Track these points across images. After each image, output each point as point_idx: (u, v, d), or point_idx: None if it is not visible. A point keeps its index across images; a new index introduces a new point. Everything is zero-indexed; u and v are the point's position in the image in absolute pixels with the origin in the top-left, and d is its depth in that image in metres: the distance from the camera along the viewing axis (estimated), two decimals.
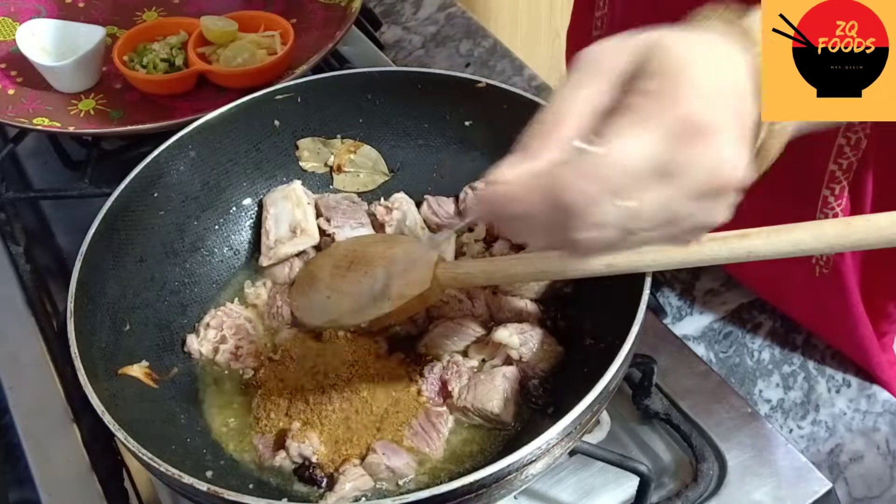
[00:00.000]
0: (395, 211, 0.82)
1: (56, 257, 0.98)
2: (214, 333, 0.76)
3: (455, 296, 0.76)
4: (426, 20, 1.30)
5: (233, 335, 0.76)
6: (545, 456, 0.58)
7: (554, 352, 0.72)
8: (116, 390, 0.66)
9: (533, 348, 0.71)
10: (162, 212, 0.79)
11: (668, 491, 0.73)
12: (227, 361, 0.75)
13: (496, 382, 0.69)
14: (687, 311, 0.90)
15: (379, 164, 0.87)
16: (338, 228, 0.82)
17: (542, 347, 0.72)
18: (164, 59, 1.02)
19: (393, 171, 0.87)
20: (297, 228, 0.81)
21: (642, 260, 0.63)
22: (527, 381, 0.71)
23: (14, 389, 0.82)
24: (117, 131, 0.96)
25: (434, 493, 0.54)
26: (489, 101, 0.81)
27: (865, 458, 0.78)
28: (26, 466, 0.76)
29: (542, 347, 0.72)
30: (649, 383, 0.76)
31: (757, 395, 0.83)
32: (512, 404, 0.69)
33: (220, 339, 0.76)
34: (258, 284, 0.81)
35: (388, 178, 0.87)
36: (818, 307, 0.84)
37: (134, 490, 0.76)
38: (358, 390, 0.69)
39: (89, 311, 0.68)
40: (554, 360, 0.72)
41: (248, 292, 0.81)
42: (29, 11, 1.12)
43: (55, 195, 0.98)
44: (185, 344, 0.76)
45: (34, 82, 1.03)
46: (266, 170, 0.85)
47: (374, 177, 0.88)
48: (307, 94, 0.84)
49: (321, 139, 0.86)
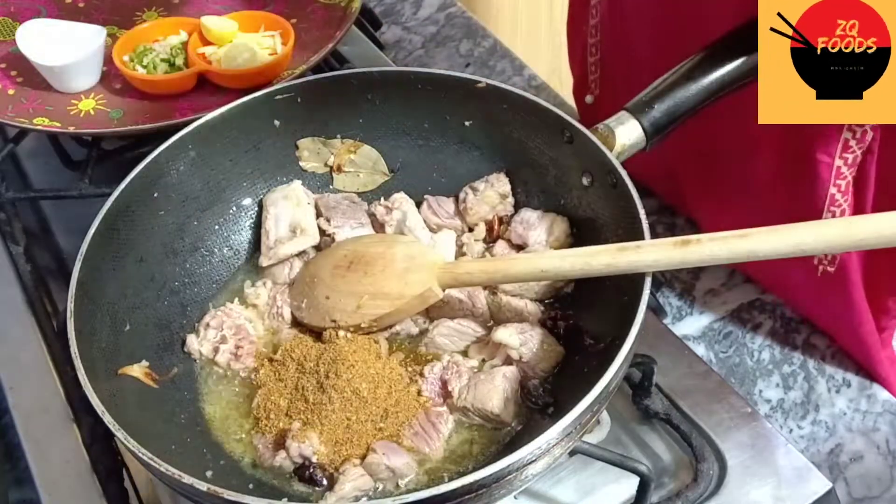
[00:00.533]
0: (395, 211, 0.82)
1: (56, 257, 0.98)
2: (214, 333, 0.76)
3: (455, 296, 0.76)
4: (426, 20, 1.30)
5: (233, 335, 0.76)
6: (545, 456, 0.58)
7: (554, 352, 0.72)
8: (116, 390, 0.66)
9: (533, 348, 0.71)
10: (162, 212, 0.79)
11: (668, 491, 0.73)
12: (228, 361, 0.75)
13: (496, 382, 0.69)
14: (687, 311, 0.90)
15: (379, 164, 0.87)
16: (338, 228, 0.82)
17: (543, 347, 0.72)
18: (164, 60, 1.02)
19: (393, 172, 0.87)
20: (297, 228, 0.81)
21: (642, 260, 0.63)
22: (527, 381, 0.71)
23: (14, 389, 0.82)
24: (117, 131, 0.96)
25: (434, 493, 0.54)
26: (489, 101, 0.81)
27: (865, 458, 0.78)
28: (26, 466, 0.76)
29: (543, 347, 0.72)
30: (649, 383, 0.76)
31: (757, 395, 0.83)
32: (512, 404, 0.69)
33: (221, 339, 0.76)
34: (258, 284, 0.81)
35: (388, 179, 0.87)
36: (821, 302, 0.84)
37: (134, 490, 0.76)
38: (358, 390, 0.69)
39: (89, 311, 0.68)
40: (554, 361, 0.72)
41: (248, 292, 0.81)
42: (29, 12, 1.12)
43: (55, 195, 0.98)
44: (185, 344, 0.76)
45: (34, 82, 1.03)
46: (266, 170, 0.85)
47: (374, 177, 0.88)
48: (307, 94, 0.84)
49: (321, 139, 0.86)
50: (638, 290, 0.63)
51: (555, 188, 0.80)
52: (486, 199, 0.82)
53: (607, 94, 1.00)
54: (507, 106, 0.80)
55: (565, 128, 0.76)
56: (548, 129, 0.78)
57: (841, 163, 0.74)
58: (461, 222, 0.83)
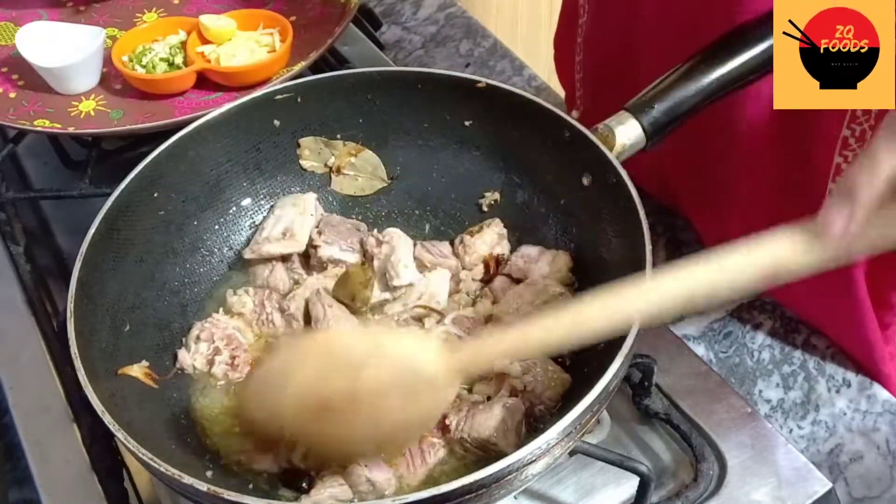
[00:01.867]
0: (385, 245, 0.80)
1: (56, 257, 0.98)
2: (207, 346, 0.75)
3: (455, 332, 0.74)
4: (426, 20, 1.30)
5: (226, 346, 0.75)
6: (545, 456, 0.58)
7: (560, 379, 0.70)
8: (116, 390, 0.66)
9: (537, 376, 0.69)
10: (162, 212, 0.79)
11: (668, 491, 0.73)
12: (225, 373, 0.74)
13: (495, 411, 0.66)
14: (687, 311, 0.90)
15: (378, 170, 0.87)
16: (325, 244, 0.80)
17: (547, 375, 0.69)
18: (163, 59, 1.02)
19: (392, 179, 0.87)
20: (289, 233, 0.81)
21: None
22: (533, 409, 0.68)
23: (14, 389, 0.82)
24: (117, 131, 0.96)
25: (434, 493, 0.54)
26: (489, 101, 0.81)
27: (865, 458, 0.78)
28: (26, 466, 0.76)
29: (547, 375, 0.69)
30: (649, 383, 0.76)
31: (757, 395, 0.83)
32: (513, 434, 0.66)
33: (214, 350, 0.74)
34: (240, 292, 0.80)
35: (386, 185, 0.87)
36: (823, 300, 0.84)
37: (134, 490, 0.76)
38: None
39: (89, 311, 0.68)
40: (560, 388, 0.69)
41: (231, 301, 0.79)
42: (30, 17, 1.12)
43: (55, 195, 0.98)
44: (176, 359, 0.74)
45: (35, 85, 1.03)
46: (266, 170, 0.85)
47: (373, 182, 0.87)
48: (307, 94, 0.84)
49: (323, 139, 0.86)
50: None
51: (555, 188, 0.80)
52: (484, 238, 0.80)
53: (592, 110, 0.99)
54: (506, 106, 0.80)
55: (565, 128, 0.76)
56: (548, 128, 0.78)
57: (840, 160, 0.74)
58: (456, 261, 0.81)
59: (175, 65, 1.02)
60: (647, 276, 0.63)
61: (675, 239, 0.97)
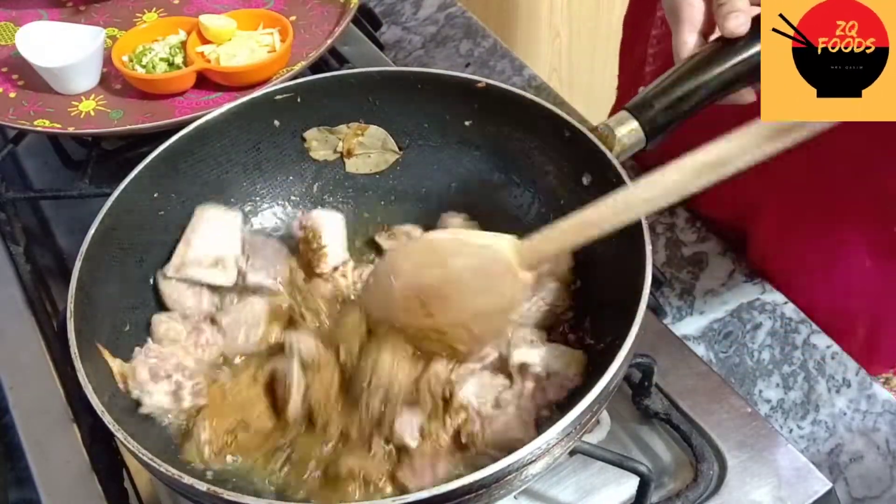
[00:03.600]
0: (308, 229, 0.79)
1: (56, 257, 0.98)
2: (165, 384, 0.68)
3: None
4: (426, 20, 1.30)
5: (183, 376, 0.69)
6: (545, 456, 0.58)
7: (575, 355, 0.69)
8: (116, 390, 0.66)
9: (556, 355, 0.68)
10: (162, 212, 0.79)
11: (668, 491, 0.73)
12: (193, 404, 0.68)
13: (509, 410, 0.66)
14: (687, 311, 0.90)
15: (388, 142, 0.86)
16: (252, 270, 0.76)
17: (563, 356, 0.69)
18: (163, 59, 1.02)
19: (402, 149, 0.87)
20: (220, 263, 0.76)
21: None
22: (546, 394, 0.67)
23: (14, 389, 0.82)
24: (117, 131, 0.96)
25: (434, 493, 0.54)
26: (489, 101, 0.81)
27: (865, 458, 0.78)
28: (26, 466, 0.76)
29: (563, 356, 0.69)
30: (649, 383, 0.76)
31: (757, 395, 0.83)
32: (532, 427, 0.66)
33: (176, 384, 0.68)
34: (164, 319, 0.73)
35: (400, 156, 0.87)
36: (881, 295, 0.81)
37: (134, 490, 0.76)
38: None
39: (89, 312, 0.68)
40: (580, 362, 0.69)
41: (159, 332, 0.72)
42: (30, 17, 1.12)
43: (55, 195, 0.98)
44: (139, 406, 0.67)
45: (35, 85, 1.03)
46: (266, 170, 0.85)
47: (385, 156, 0.87)
48: (307, 93, 0.84)
49: (327, 128, 0.86)
50: (638, 289, 0.63)
51: (555, 188, 0.80)
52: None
53: None
54: (507, 106, 0.80)
55: (565, 127, 0.76)
56: (548, 128, 0.78)
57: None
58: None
59: (175, 65, 1.02)
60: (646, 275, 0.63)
61: (676, 239, 0.97)
